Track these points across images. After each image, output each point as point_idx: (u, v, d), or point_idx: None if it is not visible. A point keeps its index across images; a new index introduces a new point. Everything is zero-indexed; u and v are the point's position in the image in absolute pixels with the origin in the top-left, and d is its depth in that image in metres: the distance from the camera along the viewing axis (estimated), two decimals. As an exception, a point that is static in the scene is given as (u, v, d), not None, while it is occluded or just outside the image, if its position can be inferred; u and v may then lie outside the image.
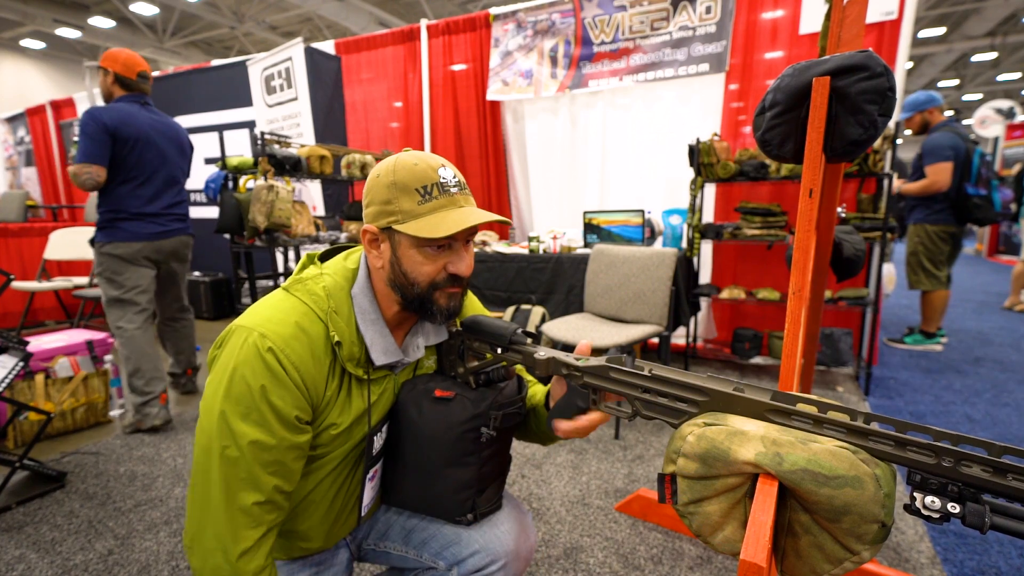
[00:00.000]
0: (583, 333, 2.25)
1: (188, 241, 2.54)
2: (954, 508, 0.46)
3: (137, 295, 2.32)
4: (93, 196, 5.65)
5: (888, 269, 3.34)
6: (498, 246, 3.34)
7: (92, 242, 2.33)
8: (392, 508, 0.92)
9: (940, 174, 3.18)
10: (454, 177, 0.76)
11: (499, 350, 0.82)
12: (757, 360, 3.08)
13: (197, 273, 4.84)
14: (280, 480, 0.70)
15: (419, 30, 4.03)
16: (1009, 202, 3.09)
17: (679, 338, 3.33)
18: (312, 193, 4.27)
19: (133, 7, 9.12)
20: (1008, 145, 8.68)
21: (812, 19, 2.91)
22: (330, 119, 4.12)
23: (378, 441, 0.81)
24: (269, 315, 0.72)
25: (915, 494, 0.48)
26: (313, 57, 3.90)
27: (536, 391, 0.93)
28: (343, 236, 3.56)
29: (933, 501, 0.47)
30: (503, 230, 3.93)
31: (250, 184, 3.48)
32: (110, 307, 2.31)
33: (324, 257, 0.85)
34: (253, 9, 9.37)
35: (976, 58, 12.21)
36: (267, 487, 0.69)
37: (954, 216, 3.29)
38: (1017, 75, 13.72)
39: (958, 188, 3.22)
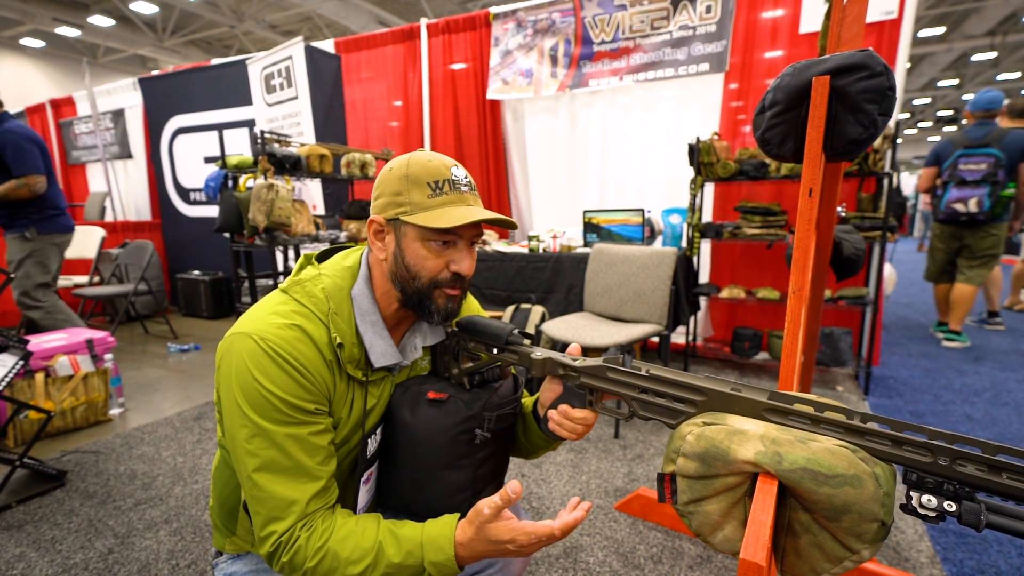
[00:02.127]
0: (583, 332, 2.25)
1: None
2: (950, 507, 0.46)
3: (54, 280, 2.87)
4: (94, 195, 5.67)
5: (888, 270, 3.38)
6: (498, 245, 3.34)
7: (24, 233, 2.71)
8: (390, 510, 0.92)
9: (920, 178, 3.61)
10: (465, 177, 0.77)
11: (495, 351, 0.82)
12: (757, 359, 3.08)
13: (197, 272, 4.84)
14: (330, 464, 0.73)
15: (419, 29, 4.03)
16: (954, 202, 3.36)
17: (678, 336, 3.33)
18: (312, 192, 4.26)
19: (133, 6, 9.11)
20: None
21: (812, 18, 2.91)
22: (330, 118, 4.11)
23: (372, 444, 0.81)
24: (270, 319, 0.71)
25: (911, 493, 0.48)
26: (313, 56, 3.89)
27: (526, 402, 0.92)
28: (343, 235, 3.56)
29: (929, 500, 0.47)
30: (503, 230, 3.93)
31: (250, 183, 3.48)
32: (36, 288, 2.78)
33: (322, 257, 0.85)
34: (253, 8, 9.35)
35: (976, 57, 12.19)
36: (324, 474, 0.71)
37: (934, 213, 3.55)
38: (1017, 74, 13.71)
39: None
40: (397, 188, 0.74)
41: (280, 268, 3.75)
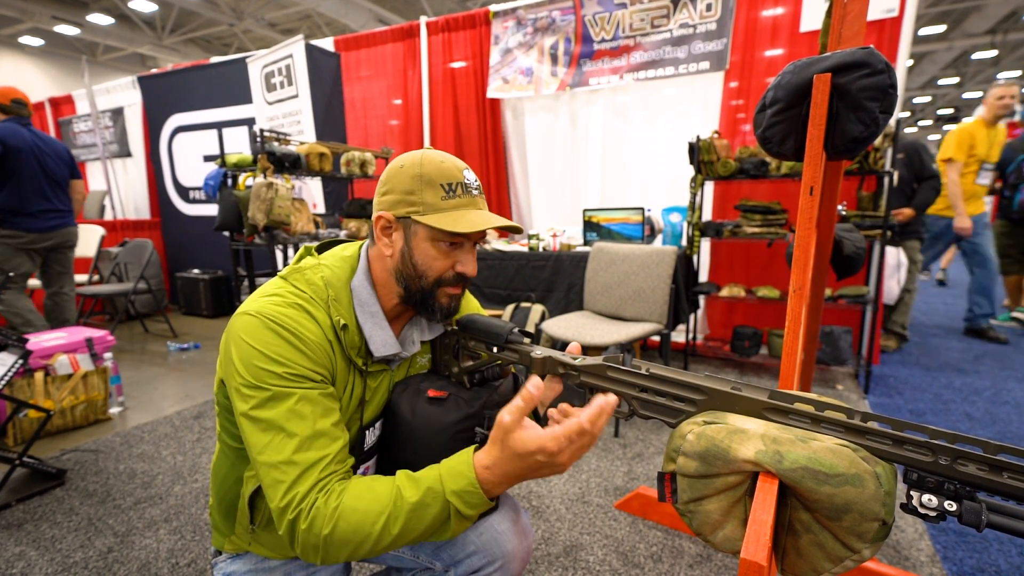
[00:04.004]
0: (583, 331, 2.25)
1: (72, 231, 3.06)
2: (951, 506, 0.46)
3: (18, 277, 2.86)
4: (93, 193, 5.66)
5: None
6: (498, 243, 3.34)
7: None
8: None
9: None
10: (475, 180, 0.78)
11: (495, 349, 0.82)
12: (757, 358, 3.08)
13: (196, 271, 4.84)
14: (345, 431, 0.71)
15: (418, 27, 4.02)
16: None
17: (678, 335, 3.33)
18: (313, 191, 4.26)
19: (132, 4, 9.08)
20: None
21: (812, 17, 2.90)
22: (329, 116, 4.11)
23: (370, 437, 0.81)
24: (269, 299, 0.72)
25: (912, 492, 0.48)
26: (313, 54, 3.89)
27: None
28: (343, 233, 3.56)
29: (930, 499, 0.47)
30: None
31: (249, 182, 3.47)
32: None
33: (320, 250, 0.85)
34: (252, 6, 9.33)
35: (976, 56, 12.18)
36: (340, 436, 0.69)
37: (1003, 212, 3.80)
38: (1017, 73, 13.69)
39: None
40: (409, 187, 0.74)
41: (280, 267, 3.75)
